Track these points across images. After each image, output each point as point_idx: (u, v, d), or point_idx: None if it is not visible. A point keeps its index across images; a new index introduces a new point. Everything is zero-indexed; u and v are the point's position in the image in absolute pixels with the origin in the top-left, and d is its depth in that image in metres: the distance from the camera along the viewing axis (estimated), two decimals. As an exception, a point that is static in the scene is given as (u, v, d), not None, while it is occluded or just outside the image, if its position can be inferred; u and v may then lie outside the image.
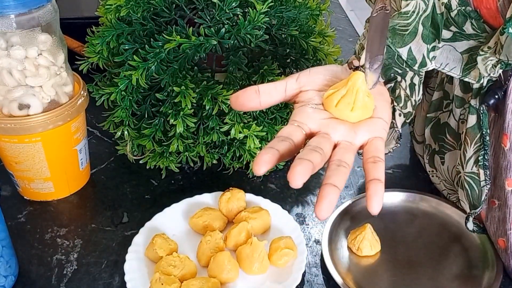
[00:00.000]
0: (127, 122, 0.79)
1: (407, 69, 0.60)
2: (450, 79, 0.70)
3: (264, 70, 0.75)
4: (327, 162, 0.46)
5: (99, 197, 0.79)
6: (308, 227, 0.74)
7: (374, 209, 0.42)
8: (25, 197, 0.78)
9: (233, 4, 0.73)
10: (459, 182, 0.70)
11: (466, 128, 0.64)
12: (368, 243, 0.68)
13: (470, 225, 0.69)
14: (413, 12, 0.57)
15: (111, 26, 0.77)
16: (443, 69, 0.61)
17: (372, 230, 0.69)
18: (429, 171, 0.79)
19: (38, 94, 0.69)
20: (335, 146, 0.48)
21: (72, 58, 0.78)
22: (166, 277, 0.61)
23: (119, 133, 0.81)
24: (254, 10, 0.73)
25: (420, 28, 0.58)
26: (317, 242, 0.72)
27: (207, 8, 0.76)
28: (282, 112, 0.81)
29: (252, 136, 0.75)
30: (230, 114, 0.74)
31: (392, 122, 0.59)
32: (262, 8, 0.73)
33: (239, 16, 0.74)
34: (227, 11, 0.73)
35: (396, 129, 0.60)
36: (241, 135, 0.75)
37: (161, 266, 0.63)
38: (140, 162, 0.83)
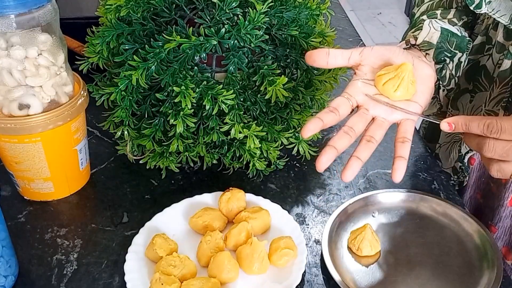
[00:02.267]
0: (127, 122, 0.79)
1: (456, 51, 0.68)
2: (495, 26, 0.74)
3: (264, 70, 0.75)
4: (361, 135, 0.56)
5: (99, 197, 0.79)
6: (308, 227, 0.74)
7: (396, 179, 0.53)
8: (25, 197, 0.78)
9: (233, 4, 0.73)
10: None
11: (499, 71, 0.71)
12: (368, 243, 0.68)
13: (467, 157, 0.78)
14: None
15: (111, 26, 0.77)
16: (493, 14, 0.68)
17: (372, 230, 0.69)
18: (449, 111, 0.83)
19: (38, 94, 0.69)
20: (372, 119, 0.57)
21: (72, 58, 0.78)
22: (166, 277, 0.61)
23: (119, 133, 0.81)
24: (254, 10, 0.73)
25: None
26: (317, 242, 0.72)
27: (207, 8, 0.76)
28: (282, 112, 0.81)
29: (252, 136, 0.75)
30: (230, 114, 0.74)
31: (435, 96, 0.70)
32: (262, 8, 0.73)
33: (239, 16, 0.74)
34: (227, 11, 0.73)
35: (438, 101, 0.72)
36: (241, 135, 0.75)
37: (161, 266, 0.63)
38: (140, 162, 0.83)
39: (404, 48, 0.68)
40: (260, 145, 0.77)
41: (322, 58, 0.59)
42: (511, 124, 0.51)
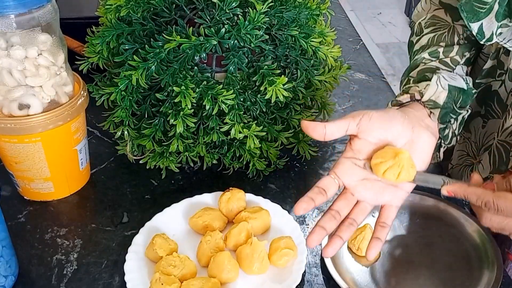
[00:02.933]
0: (127, 122, 0.79)
1: (462, 111, 0.67)
2: (507, 51, 0.73)
3: (264, 70, 0.75)
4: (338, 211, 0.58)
5: (99, 197, 0.79)
6: (308, 227, 0.74)
7: (369, 257, 0.57)
8: (25, 197, 0.78)
9: (233, 4, 0.73)
10: (490, 148, 0.73)
11: None
12: (368, 243, 0.68)
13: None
14: None
15: (111, 26, 0.77)
16: (505, 43, 0.66)
17: (372, 230, 0.69)
18: (461, 133, 0.81)
19: (38, 94, 0.69)
20: (356, 202, 0.58)
21: (72, 58, 0.78)
22: (166, 277, 0.61)
23: (119, 133, 0.81)
24: (254, 10, 0.73)
25: (496, 6, 0.63)
26: (317, 242, 0.72)
27: (207, 8, 0.76)
28: (282, 112, 0.81)
29: (252, 136, 0.75)
30: (230, 114, 0.74)
31: (436, 154, 0.67)
32: (262, 8, 0.73)
33: (239, 16, 0.74)
34: (227, 11, 0.73)
35: (438, 157, 0.68)
36: (241, 135, 0.75)
37: (161, 266, 0.63)
38: (140, 162, 0.83)
39: (406, 102, 0.65)
40: (260, 145, 0.77)
41: (319, 131, 0.58)
42: (507, 205, 0.52)
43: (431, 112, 0.64)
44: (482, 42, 0.66)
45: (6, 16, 0.65)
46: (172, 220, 0.72)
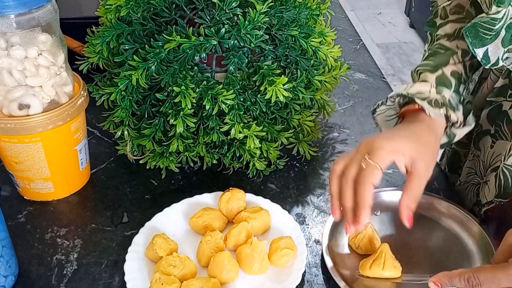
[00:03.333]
0: (127, 122, 0.79)
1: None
2: None
3: (264, 70, 0.75)
4: None
5: (99, 197, 0.79)
6: (308, 227, 0.74)
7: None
8: (25, 197, 0.78)
9: (233, 4, 0.73)
10: (496, 170, 0.72)
11: None
12: (369, 241, 0.68)
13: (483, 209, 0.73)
14: (501, 18, 0.60)
15: (111, 26, 0.77)
16: (511, 67, 0.65)
17: (373, 229, 0.69)
18: (471, 150, 0.80)
19: (38, 94, 0.69)
20: None
21: (72, 58, 0.78)
22: (166, 277, 0.61)
23: (119, 133, 0.81)
24: (254, 10, 0.73)
25: (503, 32, 0.61)
26: (317, 242, 0.72)
27: (207, 8, 0.76)
28: (282, 112, 0.81)
29: (252, 136, 0.75)
30: (230, 114, 0.74)
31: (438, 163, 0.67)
32: (262, 8, 0.73)
33: (239, 16, 0.74)
34: (227, 11, 0.73)
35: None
36: (241, 135, 0.75)
37: (161, 266, 0.63)
38: (140, 162, 0.83)
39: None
40: (260, 145, 0.77)
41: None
42: (487, 276, 0.52)
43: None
44: (487, 67, 0.65)
45: (6, 16, 0.65)
46: (172, 220, 0.72)
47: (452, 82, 0.69)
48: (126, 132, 0.80)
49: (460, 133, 0.69)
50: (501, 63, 0.64)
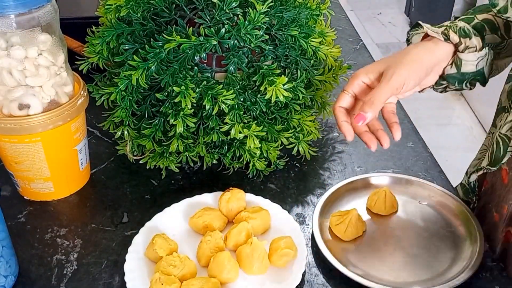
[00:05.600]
0: (127, 122, 0.79)
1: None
2: None
3: (264, 70, 0.75)
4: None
5: (99, 197, 0.79)
6: (308, 227, 0.74)
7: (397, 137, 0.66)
8: (25, 197, 0.78)
9: (233, 4, 0.73)
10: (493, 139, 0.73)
11: None
12: (353, 227, 0.70)
13: (473, 178, 0.75)
14: None
15: (111, 26, 0.77)
16: None
17: (358, 216, 0.71)
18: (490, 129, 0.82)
19: (38, 94, 0.69)
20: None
21: (72, 58, 0.78)
22: (166, 277, 0.61)
23: (119, 133, 0.81)
24: (254, 10, 0.73)
25: None
26: (317, 242, 0.72)
27: (207, 8, 0.76)
28: (282, 112, 0.81)
29: (252, 136, 0.75)
30: (230, 114, 0.74)
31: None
32: (262, 8, 0.73)
33: (239, 16, 0.74)
34: (227, 11, 0.73)
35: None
36: (241, 135, 0.75)
37: (161, 266, 0.63)
38: (140, 162, 0.83)
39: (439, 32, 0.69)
40: (260, 145, 0.77)
41: None
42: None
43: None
44: (495, 11, 0.66)
45: (6, 16, 0.65)
46: (172, 220, 0.72)
47: (475, 20, 0.71)
48: (126, 132, 0.80)
49: (465, 58, 0.69)
50: (509, 11, 0.65)
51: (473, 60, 0.69)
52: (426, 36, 0.71)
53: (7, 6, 0.64)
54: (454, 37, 0.68)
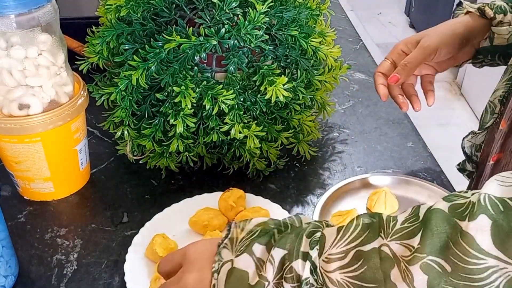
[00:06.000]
0: (127, 122, 0.79)
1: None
2: None
3: (264, 70, 0.75)
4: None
5: (99, 197, 0.79)
6: (308, 227, 0.74)
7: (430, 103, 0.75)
8: (25, 197, 0.78)
9: (233, 4, 0.73)
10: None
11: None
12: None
13: (465, 144, 0.77)
14: None
15: (111, 26, 0.77)
16: None
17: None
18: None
19: (38, 94, 0.69)
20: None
21: (72, 58, 0.78)
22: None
23: (119, 133, 0.80)
24: (254, 10, 0.73)
25: None
26: (317, 242, 0.72)
27: (207, 8, 0.76)
28: (282, 112, 0.81)
29: (252, 136, 0.75)
30: (230, 114, 0.74)
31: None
32: (262, 8, 0.73)
33: (239, 16, 0.74)
34: (227, 11, 0.73)
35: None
36: (241, 135, 0.75)
37: (161, 266, 0.63)
38: (140, 162, 0.83)
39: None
40: (260, 145, 0.77)
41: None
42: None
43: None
44: None
45: (6, 16, 0.65)
46: (172, 220, 0.72)
47: None
48: (126, 132, 0.80)
49: (497, 31, 0.73)
50: None
51: (505, 34, 0.73)
52: (468, 13, 0.77)
53: (7, 6, 0.64)
54: (489, 12, 0.72)
